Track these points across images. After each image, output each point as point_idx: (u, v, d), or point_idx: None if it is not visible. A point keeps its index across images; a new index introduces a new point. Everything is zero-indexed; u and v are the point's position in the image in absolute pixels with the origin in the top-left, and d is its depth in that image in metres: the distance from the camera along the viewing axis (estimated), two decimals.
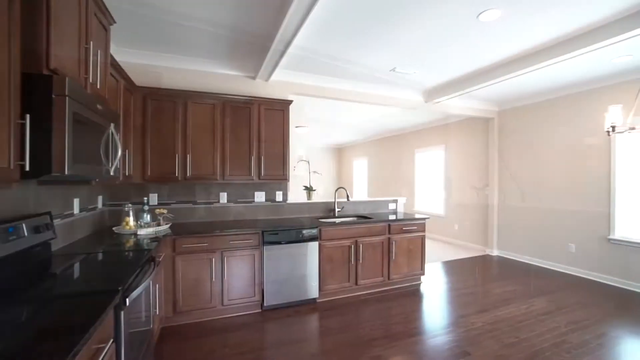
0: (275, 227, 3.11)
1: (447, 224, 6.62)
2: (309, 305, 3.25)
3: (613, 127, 2.66)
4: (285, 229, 3.14)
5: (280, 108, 3.49)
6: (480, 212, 5.82)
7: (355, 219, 3.83)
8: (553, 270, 4.51)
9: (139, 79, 3.09)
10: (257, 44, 3.01)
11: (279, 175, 3.46)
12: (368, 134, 8.83)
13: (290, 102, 3.53)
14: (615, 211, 3.95)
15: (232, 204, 3.55)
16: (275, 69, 3.34)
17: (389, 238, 3.64)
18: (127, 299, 1.43)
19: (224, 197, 3.51)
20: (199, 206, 3.43)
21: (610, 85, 4.01)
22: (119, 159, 1.96)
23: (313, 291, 3.25)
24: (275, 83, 3.74)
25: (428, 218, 4.03)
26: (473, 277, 4.22)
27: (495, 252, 5.45)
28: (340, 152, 11.75)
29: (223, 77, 3.54)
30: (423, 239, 3.88)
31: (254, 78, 3.64)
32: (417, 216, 3.94)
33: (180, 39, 2.93)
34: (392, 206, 4.48)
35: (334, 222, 3.42)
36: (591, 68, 3.61)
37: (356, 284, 3.47)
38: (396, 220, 3.69)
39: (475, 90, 4.43)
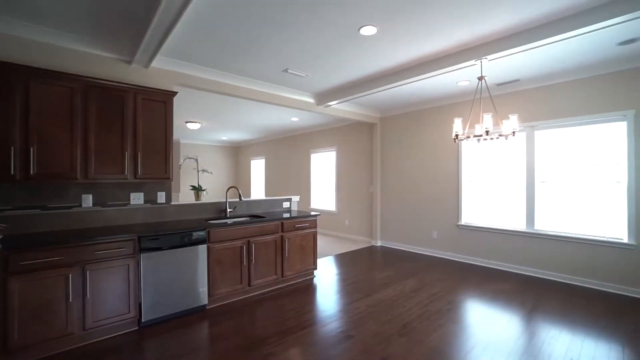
0: (155, 231, 2.77)
1: (338, 220, 7.14)
2: (197, 313, 3.01)
3: (457, 135, 3.32)
4: (168, 233, 2.83)
5: (162, 99, 3.13)
6: (367, 208, 6.49)
7: (248, 218, 3.74)
8: (422, 254, 5.36)
9: None
10: (132, 22, 2.62)
11: (160, 174, 3.10)
12: (266, 133, 8.80)
13: (174, 93, 3.21)
14: (462, 202, 4.96)
15: (99, 208, 3.00)
16: (155, 55, 2.97)
17: (282, 236, 3.68)
18: None
19: (88, 200, 2.93)
20: (51, 212, 2.77)
21: (457, 102, 5.02)
22: None
23: (202, 298, 3.03)
24: (156, 71, 3.34)
25: (319, 215, 4.25)
26: (359, 266, 4.66)
27: (379, 243, 6.15)
28: (237, 151, 11.37)
29: (87, 57, 2.96)
30: (315, 235, 4.08)
31: (129, 62, 3.17)
32: (311, 213, 4.11)
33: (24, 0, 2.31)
34: (286, 205, 4.56)
35: (225, 223, 3.27)
36: (444, 87, 4.44)
37: (249, 285, 3.40)
38: (289, 218, 3.77)
39: (360, 98, 4.92)
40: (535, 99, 4.21)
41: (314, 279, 4.09)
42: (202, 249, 3.04)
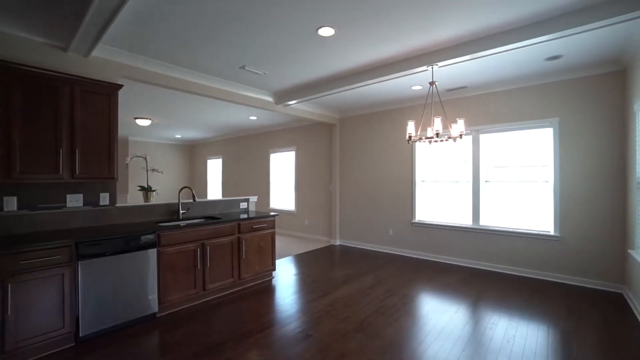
0: (97, 236, 2.53)
1: (298, 220, 7.13)
2: (146, 322, 2.81)
3: (410, 137, 3.49)
4: (112, 238, 2.60)
5: (105, 92, 2.88)
6: (326, 207, 6.56)
7: (202, 220, 3.58)
8: (379, 252, 5.54)
9: None
10: (67, 3, 2.36)
11: (103, 174, 2.85)
12: (223, 131, 8.52)
13: (120, 86, 2.97)
14: (415, 201, 5.22)
15: (27, 212, 2.67)
16: (97, 44, 2.72)
17: (238, 237, 3.58)
18: None
19: (12, 203, 2.59)
20: None
21: (411, 106, 5.28)
22: None
23: (151, 305, 2.83)
24: (99, 61, 3.06)
25: (278, 215, 4.20)
26: (319, 266, 4.69)
27: (338, 242, 6.24)
28: (192, 150, 10.86)
29: (10, 40, 2.62)
30: (273, 235, 4.02)
31: (64, 50, 2.86)
32: (269, 214, 4.04)
33: None
34: (243, 205, 4.44)
35: (178, 225, 3.09)
36: (399, 91, 4.64)
37: (204, 289, 3.25)
38: (246, 219, 3.68)
39: (320, 98, 4.96)
40: (479, 104, 4.56)
41: (273, 280, 4.03)
42: (152, 253, 2.84)
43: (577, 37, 2.87)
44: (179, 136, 9.30)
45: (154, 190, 3.64)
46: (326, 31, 2.81)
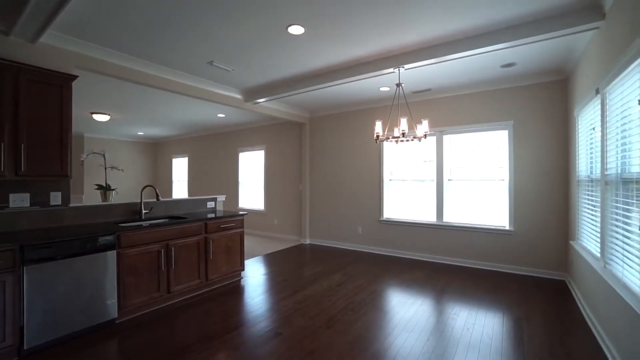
0: (47, 238, 2.33)
1: (267, 219, 7.06)
2: (105, 329, 2.64)
3: (377, 136, 3.58)
4: (64, 240, 2.41)
5: (57, 83, 2.67)
6: (296, 207, 6.54)
7: (167, 220, 3.43)
8: (348, 250, 5.63)
9: None
10: None
11: (54, 171, 2.64)
12: (189, 129, 8.21)
13: (74, 77, 2.77)
14: (384, 199, 5.36)
15: None
16: (46, 29, 2.50)
17: (205, 237, 3.47)
18: None
19: None
20: None
21: (379, 107, 5.42)
22: None
23: (110, 311, 2.67)
24: (49, 49, 2.83)
25: (246, 214, 4.13)
26: (288, 265, 4.67)
27: (308, 241, 6.25)
28: (156, 148, 10.36)
29: None
30: (242, 235, 3.95)
31: (6, 34, 2.60)
32: (238, 213, 3.95)
33: None
34: (210, 205, 4.31)
35: (140, 226, 2.94)
36: (368, 91, 4.74)
37: (169, 292, 3.11)
38: (213, 218, 3.58)
39: (289, 97, 4.94)
40: (443, 106, 4.79)
41: (242, 280, 3.95)
42: (111, 255, 2.68)
43: (527, 47, 3.11)
44: (142, 133, 8.83)
45: (113, 190, 3.43)
46: (296, 29, 2.81)
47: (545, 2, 2.42)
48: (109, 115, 6.13)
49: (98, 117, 6.08)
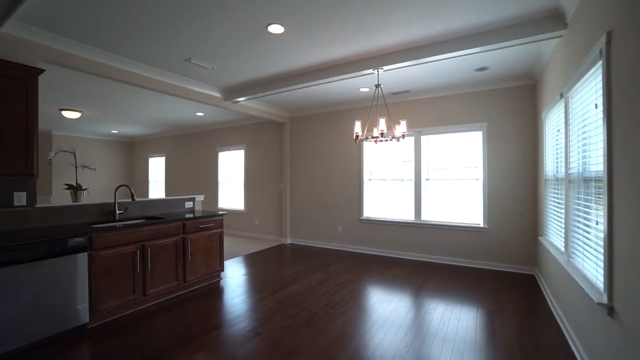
0: (9, 240, 2.21)
1: (248, 219, 6.98)
2: (74, 336, 2.53)
3: (357, 136, 3.63)
4: (30, 242, 2.29)
5: (21, 76, 2.53)
6: (277, 207, 6.51)
7: (143, 220, 3.33)
8: (329, 249, 5.66)
9: None
10: None
11: (18, 170, 2.50)
12: (167, 128, 7.99)
13: (40, 71, 2.63)
14: (363, 198, 5.43)
15: None
16: (7, 19, 2.38)
17: (183, 238, 3.40)
18: None
19: None
20: None
21: (359, 107, 5.49)
22: None
23: (81, 316, 2.56)
24: (12, 40, 2.67)
25: (225, 214, 4.07)
26: (269, 265, 4.65)
27: (288, 241, 6.24)
28: (131, 147, 10.01)
29: None
30: (221, 235, 3.89)
31: None
32: (217, 213, 3.89)
33: None
34: (189, 205, 4.22)
35: (114, 227, 2.83)
36: (347, 92, 4.79)
37: (144, 294, 3.02)
38: (192, 218, 3.50)
39: (270, 96, 4.91)
40: (421, 108, 4.91)
41: (222, 281, 3.89)
42: (82, 257, 2.57)
43: (498, 52, 3.26)
44: (116, 132, 8.50)
45: (84, 189, 3.29)
46: (276, 28, 2.81)
47: (514, 10, 2.55)
48: (79, 112, 5.87)
49: (68, 114, 5.80)
